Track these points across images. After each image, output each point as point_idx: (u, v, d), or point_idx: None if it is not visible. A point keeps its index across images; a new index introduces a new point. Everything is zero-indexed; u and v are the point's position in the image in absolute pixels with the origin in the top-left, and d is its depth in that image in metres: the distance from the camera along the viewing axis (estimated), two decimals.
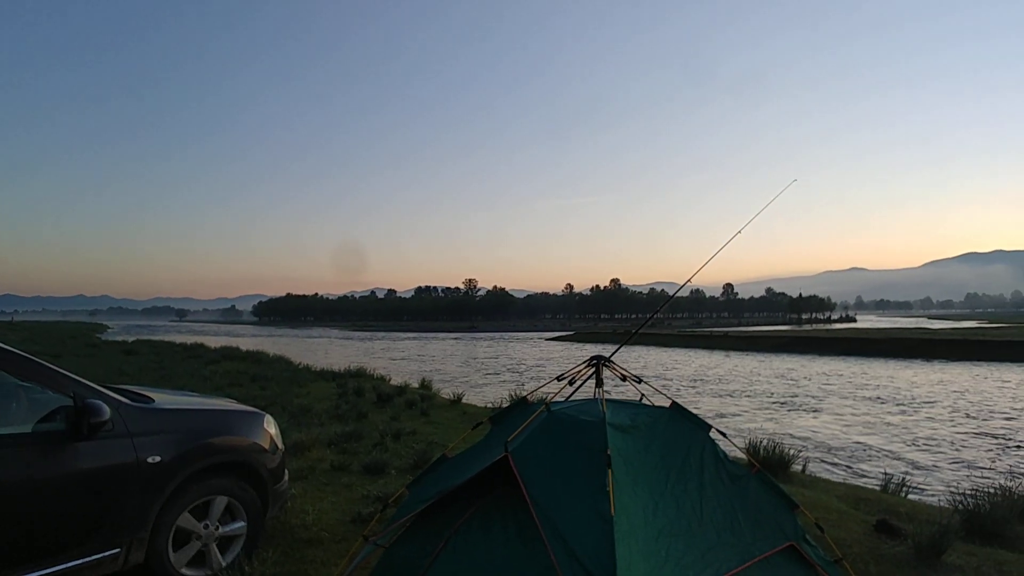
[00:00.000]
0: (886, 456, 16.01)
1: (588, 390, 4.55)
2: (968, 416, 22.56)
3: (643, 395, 4.60)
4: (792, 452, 10.15)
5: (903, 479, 10.39)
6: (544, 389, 4.87)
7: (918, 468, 14.51)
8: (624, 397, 4.78)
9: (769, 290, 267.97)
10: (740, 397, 28.17)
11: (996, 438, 18.66)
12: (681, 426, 4.22)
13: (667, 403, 4.39)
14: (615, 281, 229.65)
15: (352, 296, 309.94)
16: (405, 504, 4.50)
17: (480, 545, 3.94)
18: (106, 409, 4.18)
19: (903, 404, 25.66)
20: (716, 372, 40.83)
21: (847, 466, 14.63)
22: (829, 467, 14.21)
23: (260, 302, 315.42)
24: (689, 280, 4.58)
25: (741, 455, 5.17)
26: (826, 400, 26.94)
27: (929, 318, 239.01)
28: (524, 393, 4.53)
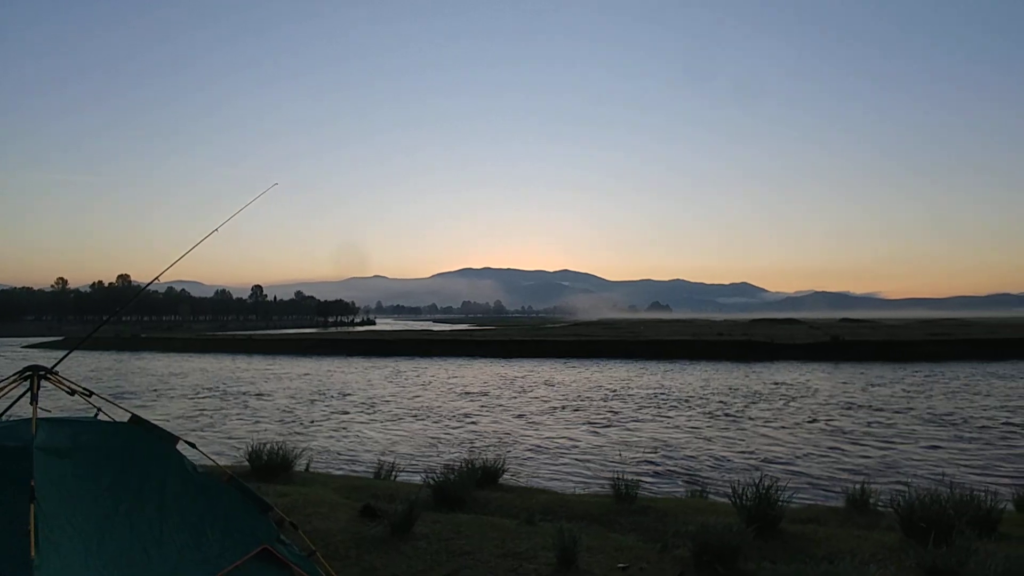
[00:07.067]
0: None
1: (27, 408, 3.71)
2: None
3: (99, 410, 3.99)
4: (296, 452, 10.37)
5: (393, 464, 11.67)
6: None
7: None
8: (79, 414, 4.07)
9: (299, 293, 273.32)
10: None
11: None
12: (141, 441, 3.78)
13: (127, 417, 3.89)
14: (124, 277, 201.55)
15: None
16: None
17: None
18: None
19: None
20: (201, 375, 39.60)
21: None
22: None
23: None
24: (156, 279, 4.17)
25: (211, 463, 4.95)
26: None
27: (434, 321, 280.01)
28: None
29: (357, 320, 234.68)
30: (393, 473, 11.14)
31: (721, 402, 26.43)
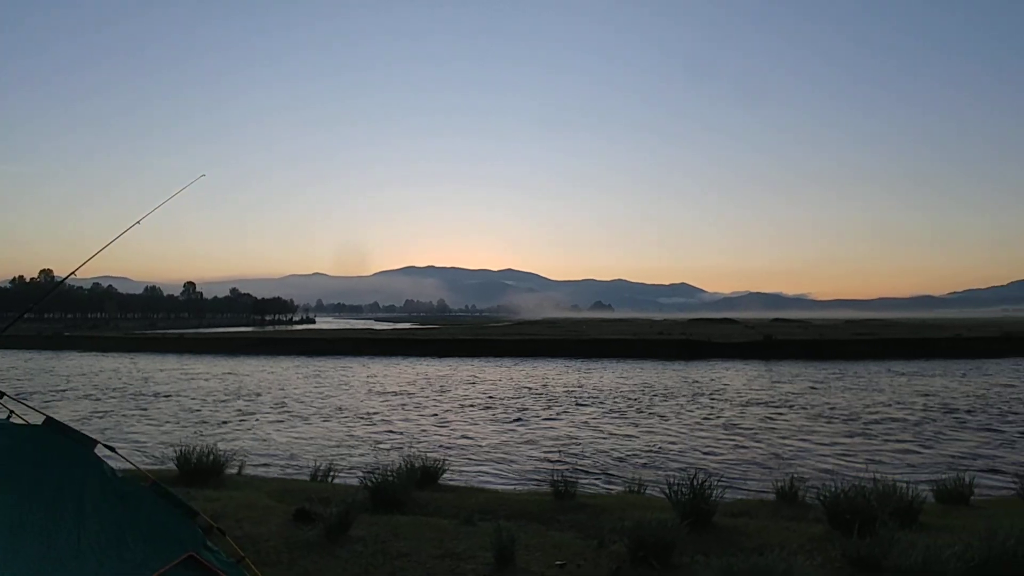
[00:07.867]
0: None
1: None
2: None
3: (11, 412, 3.76)
4: (226, 456, 10.04)
5: (330, 466, 11.43)
6: None
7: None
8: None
9: (234, 290, 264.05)
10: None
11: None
12: (57, 445, 3.58)
13: (41, 419, 3.68)
14: (47, 272, 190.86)
15: None
16: None
17: None
18: None
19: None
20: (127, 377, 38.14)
21: None
22: None
23: None
24: (73, 273, 3.95)
25: (132, 468, 4.74)
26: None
27: (376, 320, 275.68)
28: None
29: (296, 319, 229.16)
30: (330, 475, 10.91)
31: (630, 399, 27.31)
